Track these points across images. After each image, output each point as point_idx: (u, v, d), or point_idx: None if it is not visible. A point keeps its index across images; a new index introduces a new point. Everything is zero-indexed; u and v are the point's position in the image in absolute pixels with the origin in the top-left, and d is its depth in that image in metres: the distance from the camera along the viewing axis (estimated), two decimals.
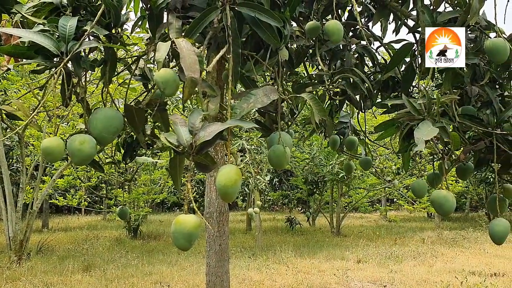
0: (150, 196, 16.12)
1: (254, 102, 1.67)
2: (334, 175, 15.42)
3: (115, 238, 15.61)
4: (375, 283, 8.79)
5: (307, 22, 2.66)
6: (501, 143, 2.51)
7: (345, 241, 15.05)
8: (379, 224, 21.90)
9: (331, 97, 3.02)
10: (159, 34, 1.84)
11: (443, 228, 18.84)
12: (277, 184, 20.65)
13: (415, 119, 2.29)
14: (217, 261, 3.71)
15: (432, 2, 2.54)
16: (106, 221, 22.61)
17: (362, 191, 18.70)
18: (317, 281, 8.79)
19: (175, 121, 1.57)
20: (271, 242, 14.26)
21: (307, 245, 13.77)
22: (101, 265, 10.22)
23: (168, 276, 9.12)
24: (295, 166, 16.84)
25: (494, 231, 2.40)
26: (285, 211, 27.10)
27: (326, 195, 18.28)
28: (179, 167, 1.63)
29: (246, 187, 13.05)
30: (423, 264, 10.70)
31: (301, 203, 21.22)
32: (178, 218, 1.51)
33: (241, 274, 9.29)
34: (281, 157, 1.94)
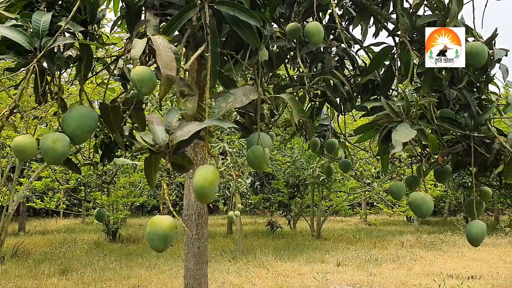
0: (129, 199, 15.93)
1: (233, 101, 1.65)
2: (315, 178, 15.47)
3: (93, 241, 15.38)
4: (354, 286, 8.82)
5: (288, 23, 2.65)
6: (478, 146, 2.53)
7: (326, 244, 15.10)
8: (359, 227, 22.04)
9: (311, 98, 3.01)
10: (136, 32, 1.80)
11: (422, 232, 19.05)
12: (259, 187, 20.62)
13: (393, 122, 2.30)
14: (195, 264, 3.67)
15: (411, 6, 2.55)
16: (85, 224, 22.28)
17: (343, 194, 18.81)
18: (297, 284, 8.79)
19: (151, 120, 1.54)
20: (251, 246, 14.23)
21: (288, 249, 13.77)
22: (78, 269, 10.04)
23: (146, 280, 9.01)
24: (277, 169, 16.85)
25: (471, 233, 2.42)
26: (266, 215, 27.08)
27: (307, 199, 18.32)
28: (155, 167, 1.60)
29: (227, 190, 12.98)
30: (402, 267, 10.79)
31: (283, 207, 21.22)
32: (153, 219, 1.48)
33: (220, 277, 9.23)
34: (260, 158, 1.92)
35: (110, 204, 15.65)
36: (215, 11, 1.66)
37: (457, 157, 2.75)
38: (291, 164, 16.02)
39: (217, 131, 11.07)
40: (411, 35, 2.61)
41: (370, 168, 13.48)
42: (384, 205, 20.92)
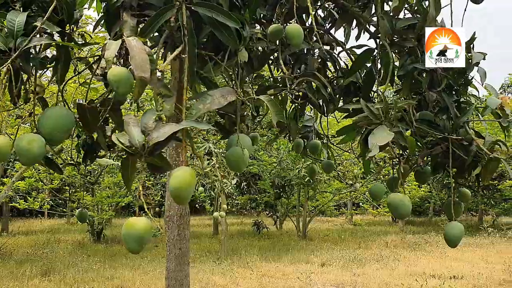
0: (114, 199, 15.81)
1: (211, 103, 1.64)
2: (301, 179, 15.52)
3: (77, 242, 15.25)
4: (338, 286, 8.87)
5: (270, 25, 2.65)
6: (456, 148, 2.56)
7: (311, 244, 15.16)
8: (344, 228, 22.16)
9: (292, 100, 3.02)
10: (113, 33, 1.79)
11: (406, 232, 19.22)
12: (245, 188, 20.62)
13: (373, 124, 2.32)
14: (177, 265, 3.65)
15: (391, 9, 2.57)
16: (69, 225, 22.07)
17: (328, 195, 18.90)
18: (281, 285, 8.81)
19: (128, 121, 1.53)
20: (237, 246, 14.22)
21: (273, 249, 13.80)
22: (61, 270, 9.94)
23: (129, 281, 8.96)
24: (263, 170, 16.88)
25: (449, 235, 2.45)
26: (253, 215, 27.08)
27: (293, 199, 18.38)
28: (131, 169, 1.59)
29: (213, 191, 12.97)
30: (385, 267, 10.87)
31: (269, 207, 21.25)
32: (129, 221, 1.47)
33: (204, 278, 9.21)
34: (239, 160, 1.92)
35: (94, 205, 15.52)
36: (193, 12, 1.66)
37: (436, 159, 2.78)
38: (277, 165, 16.06)
39: (202, 131, 11.04)
40: (391, 38, 2.64)
41: (353, 169, 13.57)
42: (369, 205, 21.06)
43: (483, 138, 2.68)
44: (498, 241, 15.71)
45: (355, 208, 26.97)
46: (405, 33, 2.57)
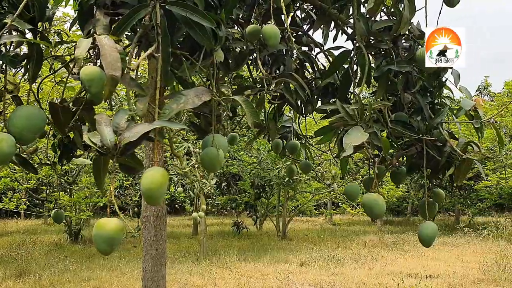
0: (92, 199, 15.61)
1: (185, 103, 1.63)
2: (281, 179, 15.57)
3: (54, 243, 15.01)
4: (316, 286, 8.93)
5: (248, 25, 2.65)
6: (430, 149, 2.60)
7: (290, 244, 15.21)
8: (324, 227, 22.30)
9: (269, 100, 3.03)
10: (87, 31, 1.77)
11: (384, 232, 19.43)
12: (225, 188, 20.58)
13: (348, 124, 2.34)
14: (153, 266, 3.62)
15: (367, 11, 2.59)
16: (46, 225, 21.68)
17: (308, 195, 19.00)
18: (259, 285, 8.82)
19: (99, 120, 1.51)
20: (216, 247, 14.19)
21: (252, 249, 13.81)
22: (36, 271, 9.77)
23: (107, 282, 8.86)
24: (243, 170, 16.88)
25: (423, 234, 2.48)
26: (233, 215, 27.05)
27: (273, 199, 18.42)
28: (103, 169, 1.57)
29: (192, 191, 12.91)
30: (363, 267, 10.98)
31: (249, 207, 21.26)
32: (100, 222, 1.45)
33: (183, 279, 9.17)
34: (214, 160, 1.91)
35: (72, 205, 15.29)
36: (167, 12, 1.65)
37: (411, 160, 2.82)
38: (257, 165, 16.08)
39: (182, 131, 10.98)
40: (367, 40, 2.66)
41: (331, 170, 13.66)
42: (348, 205, 21.24)
43: (457, 139, 2.72)
44: (474, 241, 16.00)
45: (335, 208, 27.17)
46: (381, 35, 2.59)
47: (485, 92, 31.97)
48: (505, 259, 10.36)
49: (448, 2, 2.62)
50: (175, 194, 16.90)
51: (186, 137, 11.25)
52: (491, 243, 14.44)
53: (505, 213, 24.66)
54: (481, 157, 15.55)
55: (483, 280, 9.49)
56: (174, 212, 30.00)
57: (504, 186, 19.26)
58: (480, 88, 33.09)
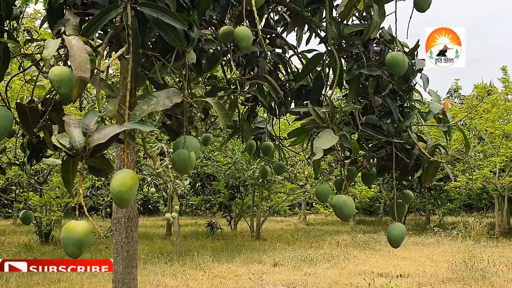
0: (63, 199, 15.32)
1: (156, 104, 1.62)
2: (255, 180, 15.60)
3: (23, 244, 14.67)
4: (289, 286, 8.98)
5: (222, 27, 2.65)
6: (399, 151, 2.65)
7: (264, 244, 15.26)
8: (298, 227, 22.44)
9: (242, 102, 3.04)
10: (56, 31, 1.74)
11: (357, 232, 19.69)
12: (200, 189, 20.50)
13: (320, 127, 2.37)
14: (124, 268, 3.58)
15: (338, 14, 2.62)
16: (16, 226, 21.18)
17: (283, 195, 19.09)
18: (232, 286, 8.82)
19: (68, 121, 1.49)
20: (190, 247, 14.12)
21: (226, 250, 13.79)
22: (3, 274, 9.51)
23: (77, 284, 8.72)
24: (218, 171, 16.84)
25: (391, 235, 2.52)
26: (207, 216, 26.96)
27: (247, 200, 18.44)
28: (72, 171, 1.55)
29: (165, 192, 12.80)
30: (335, 266, 11.09)
31: (224, 208, 21.22)
32: (68, 224, 1.43)
33: (155, 280, 9.09)
34: (186, 162, 1.90)
35: (42, 205, 14.97)
36: (138, 12, 1.64)
37: (381, 162, 2.87)
38: (231, 166, 16.07)
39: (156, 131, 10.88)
40: (339, 43, 2.70)
41: (305, 171, 13.77)
42: (321, 205, 21.43)
43: (425, 142, 2.78)
44: (443, 240, 16.36)
45: (309, 208, 27.39)
46: (352, 39, 2.63)
47: (455, 95, 32.72)
48: (472, 259, 10.63)
49: (418, 7, 2.67)
50: (148, 195, 16.73)
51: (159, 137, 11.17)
52: (460, 242, 14.79)
53: (473, 213, 25.34)
54: (450, 159, 15.84)
55: (452, 279, 9.71)
56: (147, 212, 29.71)
57: (472, 187, 19.76)
58: (450, 91, 33.86)
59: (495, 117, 18.26)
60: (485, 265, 10.37)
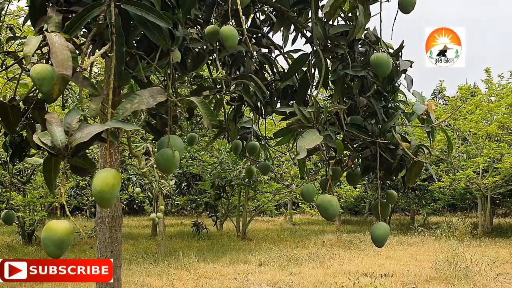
0: (47, 199, 15.13)
1: (139, 103, 1.61)
2: (241, 180, 15.59)
3: (5, 244, 14.47)
4: (274, 286, 8.99)
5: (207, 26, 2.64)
6: (383, 151, 2.67)
7: (250, 244, 15.25)
8: (284, 227, 22.49)
9: (228, 101, 3.03)
10: (38, 28, 1.72)
11: (342, 231, 19.79)
12: (186, 189, 20.42)
13: (305, 127, 2.37)
14: None
15: (323, 15, 2.63)
16: None
17: (269, 195, 19.11)
18: (217, 286, 8.80)
19: (50, 120, 1.47)
20: (175, 247, 14.06)
21: (212, 250, 13.76)
22: None
23: (61, 284, 8.61)
24: (203, 170, 16.79)
25: (375, 235, 2.54)
26: (193, 216, 26.87)
27: (233, 200, 18.41)
28: (54, 170, 1.53)
29: (150, 191, 12.73)
30: (321, 266, 11.14)
31: (210, 208, 21.16)
32: (49, 224, 1.41)
33: (140, 280, 9.03)
34: (169, 161, 1.89)
35: (26, 205, 14.78)
36: (122, 10, 1.62)
37: (366, 162, 2.88)
38: (217, 165, 16.03)
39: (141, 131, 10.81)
40: (324, 44, 2.71)
41: (291, 170, 13.81)
42: (307, 205, 21.51)
43: (409, 142, 2.81)
44: (427, 240, 16.52)
45: (295, 208, 27.46)
46: (338, 40, 2.64)
47: (440, 96, 33.09)
48: (456, 258, 10.75)
49: (403, 8, 2.69)
50: (133, 195, 16.63)
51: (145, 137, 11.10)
52: (444, 242, 14.95)
53: (457, 213, 25.64)
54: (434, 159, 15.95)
55: (435, 278, 9.82)
56: (132, 212, 29.50)
57: (456, 187, 19.99)
58: (435, 92, 34.26)
59: (479, 118, 18.50)
60: (468, 264, 10.50)
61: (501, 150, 17.58)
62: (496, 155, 17.83)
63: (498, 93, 19.49)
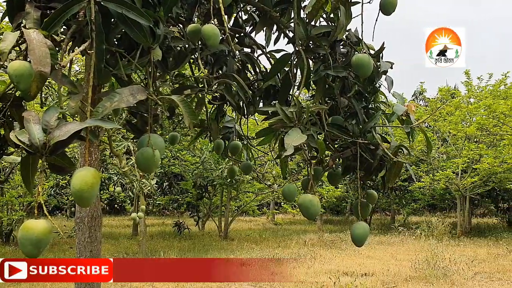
0: (26, 198, 14.89)
1: (119, 101, 1.60)
2: (224, 179, 15.56)
3: None
4: (255, 286, 9.00)
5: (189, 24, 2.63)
6: (363, 151, 2.69)
7: (232, 244, 15.24)
8: (266, 227, 22.52)
9: (209, 101, 3.02)
10: (16, 24, 1.69)
11: (324, 231, 19.89)
12: (167, 188, 20.29)
13: (287, 127, 2.38)
14: None
15: (306, 15, 2.64)
16: None
17: (251, 195, 19.11)
18: (199, 285, 8.77)
19: (28, 118, 1.45)
20: (156, 247, 13.96)
21: (193, 250, 13.71)
22: None
23: (39, 284, 8.49)
24: (185, 170, 16.71)
25: (355, 234, 2.56)
26: (175, 216, 26.72)
27: (216, 199, 18.37)
28: (32, 168, 1.51)
29: (131, 191, 12.63)
30: (302, 266, 11.19)
31: (192, 207, 21.07)
32: (26, 224, 1.39)
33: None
34: (150, 161, 1.87)
35: (3, 204, 14.52)
36: (103, 8, 1.60)
37: (346, 162, 2.90)
38: (200, 165, 15.97)
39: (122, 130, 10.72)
40: (306, 44, 2.72)
41: (273, 170, 13.84)
42: (289, 205, 21.57)
43: (389, 143, 2.84)
44: (407, 239, 16.73)
45: (277, 208, 27.52)
46: (319, 40, 2.66)
47: (420, 97, 33.50)
48: (435, 257, 10.90)
49: (384, 10, 2.71)
50: (114, 194, 16.47)
51: (126, 136, 11.00)
52: (423, 242, 15.14)
53: (436, 213, 26.00)
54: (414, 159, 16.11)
55: (414, 277, 9.94)
56: (113, 212, 29.22)
57: (436, 188, 20.28)
58: (416, 93, 34.68)
59: (458, 119, 18.79)
60: (447, 264, 10.66)
61: (480, 151, 17.89)
62: (475, 156, 18.13)
63: (477, 95, 19.81)
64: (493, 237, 17.96)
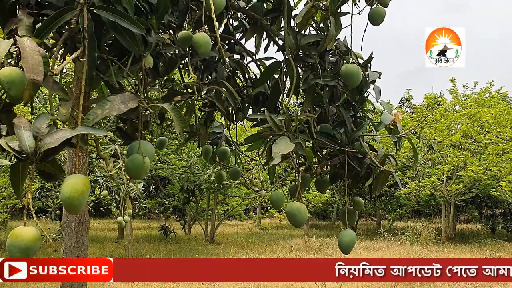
0: (10, 201, 14.71)
1: (110, 109, 1.61)
2: (211, 184, 15.54)
3: None
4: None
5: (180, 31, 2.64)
6: (351, 160, 2.73)
7: (218, 249, 15.21)
8: (252, 231, 22.49)
9: (199, 107, 3.03)
10: (8, 30, 1.69)
11: (310, 236, 19.93)
12: (154, 192, 20.19)
13: (276, 134, 2.40)
14: None
15: (296, 25, 2.67)
16: None
17: (238, 199, 19.10)
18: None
19: (19, 124, 1.45)
20: (142, 251, 13.89)
21: (179, 254, 13.67)
22: None
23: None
24: (172, 174, 16.65)
25: (342, 241, 2.59)
26: (161, 219, 26.57)
27: (202, 203, 18.32)
28: (22, 175, 1.51)
29: (118, 194, 12.55)
30: None
31: (178, 211, 20.98)
32: (14, 231, 1.39)
33: (105, 284, 8.88)
34: (139, 167, 1.88)
35: None
36: (95, 15, 1.61)
37: (334, 169, 2.94)
38: (187, 169, 15.93)
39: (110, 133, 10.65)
40: (296, 53, 2.75)
41: (260, 176, 13.87)
42: (276, 210, 21.61)
43: (377, 152, 2.87)
44: (393, 245, 16.84)
45: (264, 212, 27.53)
46: (309, 50, 2.69)
47: (407, 104, 33.82)
48: None
49: (373, 21, 2.76)
50: (100, 197, 16.35)
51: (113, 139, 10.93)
52: (409, 247, 15.27)
53: (422, 219, 26.20)
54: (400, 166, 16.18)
55: (399, 282, 10.01)
56: (99, 215, 28.95)
57: (421, 194, 20.47)
58: (402, 100, 35.02)
59: (444, 127, 19.00)
60: None
61: (465, 158, 18.11)
62: (460, 163, 18.35)
63: (462, 103, 20.06)
64: (476, 243, 18.17)
